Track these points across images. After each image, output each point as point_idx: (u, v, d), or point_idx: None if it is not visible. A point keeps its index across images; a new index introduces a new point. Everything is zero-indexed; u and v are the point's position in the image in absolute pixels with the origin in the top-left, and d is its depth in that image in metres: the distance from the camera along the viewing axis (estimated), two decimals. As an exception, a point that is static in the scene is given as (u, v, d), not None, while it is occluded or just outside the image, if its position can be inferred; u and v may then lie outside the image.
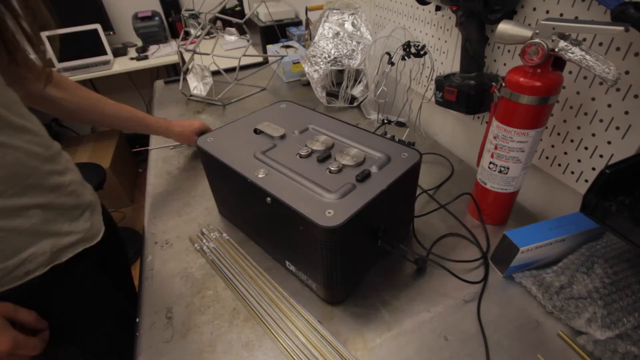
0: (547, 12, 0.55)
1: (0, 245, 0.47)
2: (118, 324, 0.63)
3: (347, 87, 1.04)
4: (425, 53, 0.76)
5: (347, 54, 0.95)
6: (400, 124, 0.92)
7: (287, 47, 1.38)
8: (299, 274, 0.55)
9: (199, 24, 1.15)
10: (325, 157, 0.53)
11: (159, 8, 2.16)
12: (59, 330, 0.53)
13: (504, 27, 0.49)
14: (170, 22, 2.20)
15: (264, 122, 0.62)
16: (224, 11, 1.11)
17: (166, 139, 0.86)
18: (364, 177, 0.48)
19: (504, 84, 0.51)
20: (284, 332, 0.48)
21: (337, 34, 0.96)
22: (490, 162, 0.57)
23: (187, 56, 1.15)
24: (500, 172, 0.57)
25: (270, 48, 1.38)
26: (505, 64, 0.66)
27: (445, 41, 0.79)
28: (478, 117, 0.78)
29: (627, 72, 0.47)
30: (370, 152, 0.54)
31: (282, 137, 0.59)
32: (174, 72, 2.38)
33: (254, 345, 0.48)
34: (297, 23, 1.61)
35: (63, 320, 0.54)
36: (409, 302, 0.52)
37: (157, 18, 2.09)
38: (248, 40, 1.15)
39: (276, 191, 0.47)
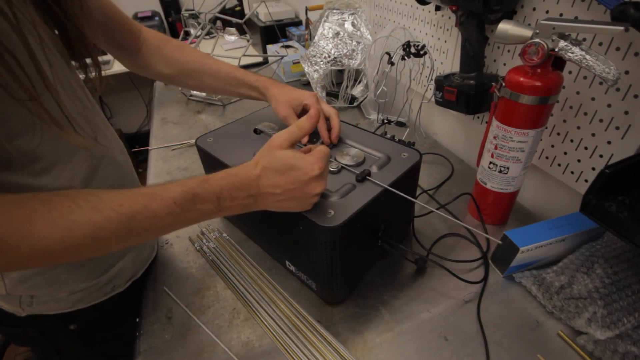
0: (547, 12, 0.55)
1: (97, 260, 0.49)
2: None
3: (347, 87, 1.04)
4: (425, 53, 0.76)
5: (347, 54, 0.95)
6: (400, 124, 0.92)
7: (287, 47, 1.38)
8: (299, 274, 0.54)
9: (199, 24, 1.15)
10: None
11: (159, 8, 2.16)
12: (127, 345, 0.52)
13: (504, 27, 0.49)
14: (170, 22, 2.20)
15: (264, 122, 0.62)
16: (224, 11, 1.11)
17: (166, 139, 0.86)
18: (364, 177, 0.48)
19: (504, 84, 0.51)
20: (284, 332, 0.48)
21: (337, 34, 0.96)
22: (490, 162, 0.57)
23: (187, 56, 1.15)
24: (500, 172, 0.57)
25: (270, 48, 1.38)
26: (505, 64, 0.66)
27: (445, 41, 0.79)
28: (478, 117, 0.78)
29: (627, 72, 0.47)
30: (370, 152, 0.54)
31: (282, 137, 0.59)
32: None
33: (254, 345, 0.48)
34: (297, 23, 1.61)
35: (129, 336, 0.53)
36: (409, 302, 0.52)
37: (157, 18, 2.09)
38: (248, 40, 1.15)
39: (276, 191, 0.47)
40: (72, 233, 0.31)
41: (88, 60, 0.43)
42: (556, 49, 0.44)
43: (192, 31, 1.19)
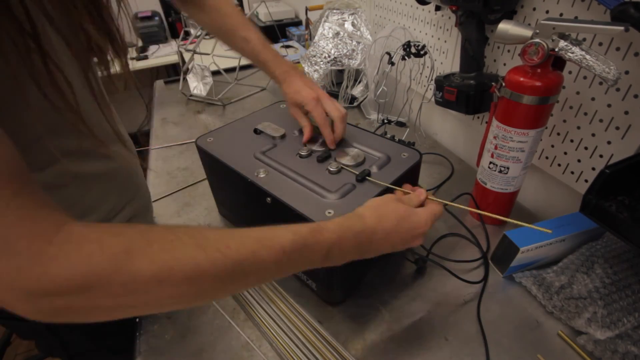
0: (547, 12, 0.55)
1: None
2: None
3: (347, 87, 1.04)
4: (425, 53, 0.76)
5: (347, 54, 0.95)
6: (400, 124, 0.92)
7: (287, 47, 1.37)
8: (299, 274, 0.54)
9: (199, 24, 1.15)
10: (325, 157, 0.53)
11: (159, 8, 2.16)
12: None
13: (504, 27, 0.49)
14: (170, 22, 2.20)
15: (264, 122, 0.62)
16: (224, 11, 1.11)
17: (166, 139, 0.86)
18: (364, 177, 0.48)
19: (504, 84, 0.51)
20: (284, 332, 0.48)
21: (337, 34, 0.96)
22: (490, 162, 0.57)
23: (187, 56, 1.15)
24: (500, 172, 0.57)
25: (270, 48, 1.38)
26: (505, 64, 0.66)
27: (445, 41, 0.79)
28: (478, 117, 0.78)
29: (627, 72, 0.47)
30: (370, 152, 0.54)
31: (282, 137, 0.59)
32: (174, 72, 2.38)
33: (254, 345, 0.48)
34: (297, 23, 1.61)
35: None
36: (409, 302, 0.52)
37: (157, 18, 2.09)
38: (248, 40, 1.15)
39: (276, 191, 0.47)
40: (173, 272, 0.26)
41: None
42: (556, 49, 0.44)
43: (192, 31, 1.19)
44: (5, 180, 0.24)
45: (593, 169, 0.55)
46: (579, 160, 0.57)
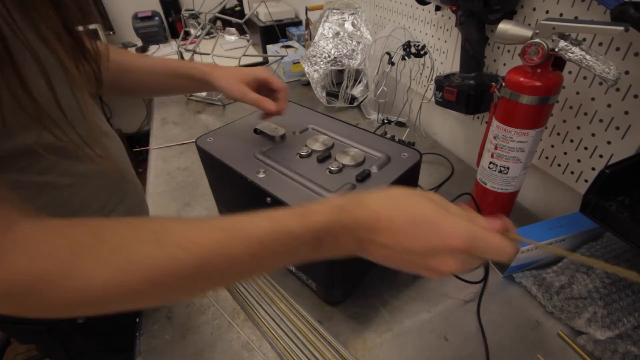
0: (547, 12, 0.55)
1: None
2: None
3: (347, 87, 1.04)
4: (425, 53, 0.76)
5: (347, 54, 0.95)
6: (400, 124, 0.92)
7: (287, 47, 1.37)
8: (299, 274, 0.54)
9: (199, 24, 1.15)
10: (325, 157, 0.53)
11: (159, 8, 2.15)
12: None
13: (504, 27, 0.49)
14: (170, 22, 2.19)
15: (264, 122, 0.62)
16: (223, 11, 1.11)
17: (166, 139, 0.86)
18: (364, 177, 0.48)
19: (504, 84, 0.51)
20: (284, 332, 0.48)
21: (337, 34, 0.96)
22: (490, 162, 0.57)
23: (187, 56, 1.15)
24: (500, 172, 0.57)
25: (270, 48, 1.38)
26: (505, 64, 0.66)
27: (445, 41, 0.79)
28: (478, 117, 0.78)
29: (627, 72, 0.47)
30: (370, 152, 0.54)
31: (282, 137, 0.59)
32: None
33: (254, 345, 0.48)
34: (297, 23, 1.61)
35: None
36: (409, 302, 0.52)
37: (157, 18, 2.09)
38: (248, 40, 1.15)
39: (276, 191, 0.47)
40: (128, 276, 0.24)
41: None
42: (556, 49, 0.44)
43: (192, 31, 1.19)
44: None
45: (593, 169, 0.55)
46: (579, 160, 0.57)
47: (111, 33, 2.14)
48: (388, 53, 0.81)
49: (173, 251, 0.25)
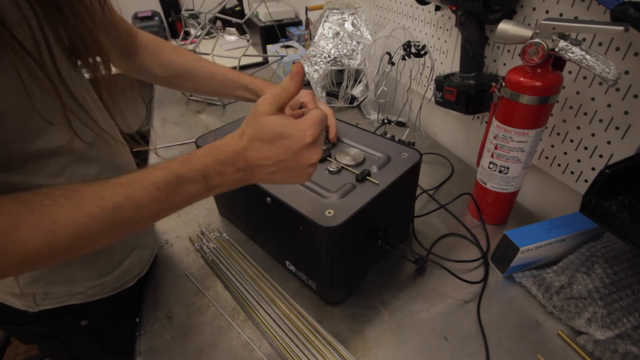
0: (547, 12, 0.55)
1: (108, 257, 0.50)
2: None
3: (347, 87, 1.04)
4: (425, 53, 0.76)
5: (347, 54, 0.95)
6: (400, 124, 0.92)
7: (287, 47, 1.37)
8: (299, 274, 0.54)
9: (199, 24, 1.15)
10: (325, 157, 0.53)
11: (159, 8, 2.15)
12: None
13: (504, 27, 0.49)
14: (170, 22, 2.19)
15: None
16: (223, 11, 1.11)
17: (166, 139, 0.86)
18: (364, 177, 0.48)
19: (504, 84, 0.51)
20: (284, 332, 0.48)
21: (337, 33, 0.96)
22: (490, 162, 0.57)
23: (187, 56, 1.15)
24: (500, 172, 0.57)
25: (270, 48, 1.38)
26: (505, 64, 0.66)
27: (445, 41, 0.79)
28: (478, 117, 0.78)
29: (626, 72, 0.47)
30: (370, 152, 0.54)
31: (282, 137, 0.59)
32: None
33: (254, 345, 0.48)
34: (297, 23, 1.61)
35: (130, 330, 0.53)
36: (409, 302, 0.52)
37: (157, 18, 2.09)
38: (248, 40, 1.15)
39: (276, 191, 0.47)
40: (57, 234, 0.29)
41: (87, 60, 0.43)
42: (556, 49, 0.44)
43: (192, 31, 1.19)
44: None
45: (593, 169, 0.55)
46: (578, 160, 0.57)
47: (111, 33, 2.13)
48: (388, 53, 0.81)
49: (88, 209, 0.30)
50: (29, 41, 0.31)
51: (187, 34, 1.22)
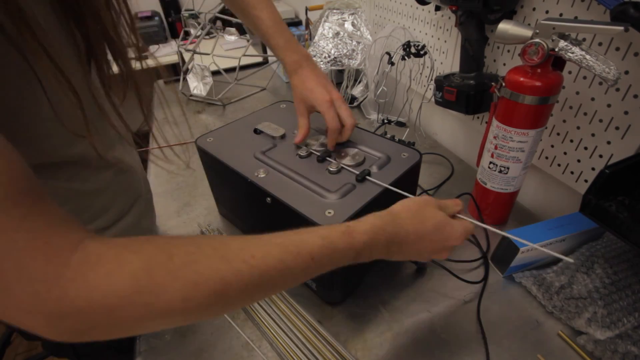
0: (547, 12, 0.55)
1: None
2: None
3: (347, 87, 1.04)
4: (425, 53, 0.76)
5: (347, 54, 0.95)
6: (400, 124, 0.92)
7: (287, 47, 1.37)
8: (299, 274, 0.54)
9: (199, 24, 1.15)
10: (325, 157, 0.53)
11: (158, 8, 2.16)
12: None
13: (504, 27, 0.49)
14: (170, 22, 2.19)
15: (264, 122, 0.62)
16: (223, 11, 1.11)
17: (166, 139, 0.86)
18: (364, 177, 0.48)
19: (504, 84, 0.51)
20: (284, 332, 0.48)
21: (337, 33, 0.96)
22: (490, 162, 0.57)
23: (187, 56, 1.15)
24: (500, 172, 0.57)
25: (270, 48, 1.38)
26: (505, 64, 0.66)
27: (445, 41, 0.79)
28: (478, 117, 0.78)
29: (626, 72, 0.47)
30: (370, 152, 0.54)
31: (282, 137, 0.59)
32: (174, 72, 2.38)
33: (253, 345, 0.48)
34: (297, 23, 1.61)
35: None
36: (409, 302, 0.52)
37: (157, 18, 2.09)
38: (248, 40, 1.15)
39: (276, 191, 0.47)
40: (198, 288, 0.25)
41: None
42: (556, 49, 0.44)
43: (192, 31, 1.19)
44: (13, 199, 0.22)
45: (593, 169, 0.55)
46: (578, 160, 0.57)
47: (111, 33, 2.13)
48: (388, 53, 0.81)
49: (237, 265, 0.26)
50: (67, 58, 0.29)
51: (187, 34, 1.22)
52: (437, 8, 0.76)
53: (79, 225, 0.26)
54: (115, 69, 0.39)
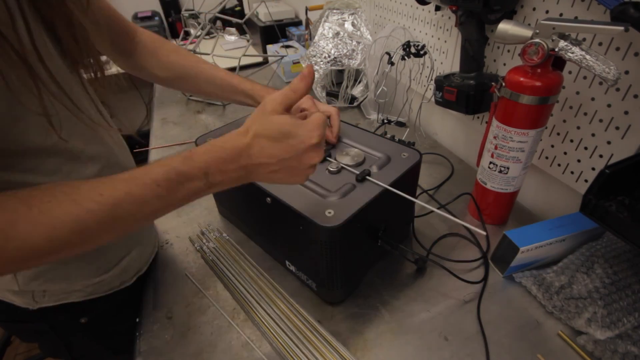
0: (547, 12, 0.55)
1: (106, 255, 0.49)
2: None
3: (347, 87, 1.04)
4: (425, 53, 0.76)
5: (347, 54, 0.95)
6: (400, 124, 0.92)
7: (287, 47, 1.37)
8: (299, 274, 0.54)
9: (199, 24, 1.15)
10: (325, 157, 0.53)
11: (159, 8, 2.15)
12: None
13: (504, 27, 0.49)
14: (170, 22, 2.19)
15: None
16: (223, 11, 1.11)
17: (166, 139, 0.86)
18: (364, 177, 0.48)
19: (504, 84, 0.51)
20: (284, 332, 0.48)
21: (337, 33, 0.96)
22: (490, 162, 0.57)
23: (187, 56, 1.15)
24: (500, 172, 0.57)
25: (270, 48, 1.38)
26: (505, 64, 0.66)
27: (445, 41, 0.79)
28: (478, 117, 0.78)
29: (626, 72, 0.47)
30: (370, 152, 0.54)
31: (282, 137, 0.59)
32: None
33: (253, 345, 0.48)
34: (297, 23, 1.61)
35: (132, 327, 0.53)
36: (409, 302, 0.52)
37: (157, 18, 2.09)
38: (248, 40, 1.15)
39: (276, 191, 0.47)
40: (56, 230, 0.29)
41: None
42: (556, 49, 0.44)
43: (192, 31, 1.19)
44: None
45: (593, 169, 0.55)
46: (578, 160, 0.57)
47: (111, 33, 2.13)
48: (388, 53, 0.81)
49: (88, 205, 0.30)
50: (13, 37, 0.30)
51: (187, 34, 1.22)
52: (437, 8, 0.76)
53: None
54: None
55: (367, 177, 0.48)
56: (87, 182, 0.32)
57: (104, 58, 0.44)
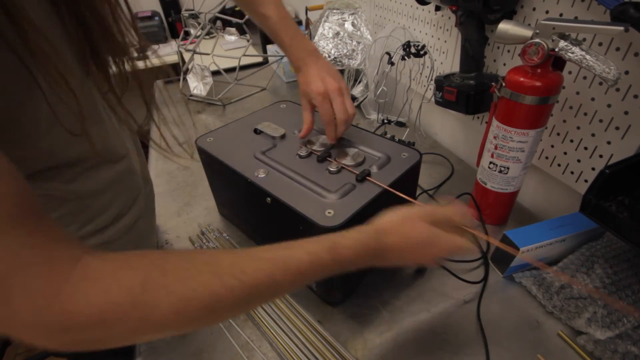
0: (547, 12, 0.55)
1: None
2: None
3: (347, 87, 1.04)
4: (425, 53, 0.76)
5: (347, 54, 0.95)
6: (400, 124, 0.92)
7: (287, 47, 1.37)
8: (299, 274, 0.54)
9: (199, 24, 1.15)
10: (325, 157, 0.53)
11: (158, 8, 2.16)
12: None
13: (504, 27, 0.49)
14: (170, 22, 2.19)
15: (264, 122, 0.62)
16: (223, 11, 1.11)
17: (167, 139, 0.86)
18: (364, 177, 0.48)
19: (504, 84, 0.51)
20: (284, 332, 0.48)
21: (337, 34, 0.96)
22: (490, 162, 0.57)
23: (187, 56, 1.15)
24: (500, 172, 0.57)
25: (270, 48, 1.38)
26: (505, 64, 0.66)
27: (445, 41, 0.79)
28: (478, 117, 0.78)
29: (626, 72, 0.47)
30: (370, 152, 0.54)
31: (282, 137, 0.59)
32: (174, 72, 2.38)
33: (253, 345, 0.48)
34: (297, 23, 1.61)
35: None
36: (409, 302, 0.52)
37: (157, 18, 2.09)
38: (248, 40, 1.15)
39: (276, 191, 0.47)
40: (190, 302, 0.26)
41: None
42: (556, 49, 0.44)
43: (192, 31, 1.19)
44: (18, 218, 0.23)
45: (593, 169, 0.55)
46: (578, 160, 0.57)
47: (111, 33, 2.13)
48: (388, 53, 0.81)
49: (229, 281, 0.28)
50: (56, 53, 0.28)
51: (187, 34, 1.22)
52: (437, 8, 0.76)
53: (78, 242, 0.27)
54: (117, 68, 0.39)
55: (367, 177, 0.48)
56: (226, 253, 0.30)
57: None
